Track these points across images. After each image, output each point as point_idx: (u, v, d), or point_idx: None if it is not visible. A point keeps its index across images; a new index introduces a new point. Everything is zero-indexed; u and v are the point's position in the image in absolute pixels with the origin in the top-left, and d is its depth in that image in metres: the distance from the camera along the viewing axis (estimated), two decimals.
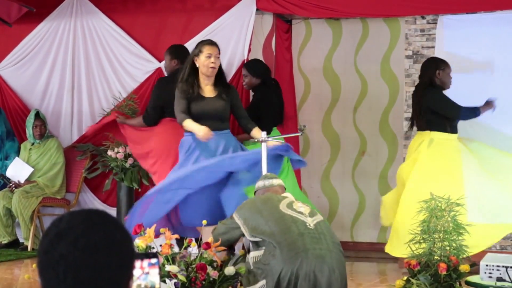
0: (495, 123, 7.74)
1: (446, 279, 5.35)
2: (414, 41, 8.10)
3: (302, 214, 4.67)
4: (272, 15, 8.60)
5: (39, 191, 8.36)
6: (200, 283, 4.98)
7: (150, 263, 1.96)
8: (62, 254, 1.74)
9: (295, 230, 4.52)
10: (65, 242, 1.74)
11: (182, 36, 8.39)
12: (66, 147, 8.73)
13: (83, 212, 1.81)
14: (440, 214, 5.48)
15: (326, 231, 4.65)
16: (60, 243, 1.75)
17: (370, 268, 7.70)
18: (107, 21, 8.72)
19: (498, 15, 7.81)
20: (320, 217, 4.78)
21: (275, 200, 4.78)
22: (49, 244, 1.76)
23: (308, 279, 4.36)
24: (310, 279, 4.36)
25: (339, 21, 8.88)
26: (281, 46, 8.79)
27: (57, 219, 1.81)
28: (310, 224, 4.58)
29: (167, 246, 5.11)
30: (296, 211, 4.68)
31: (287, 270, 4.36)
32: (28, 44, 8.96)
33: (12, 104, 8.98)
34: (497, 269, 5.07)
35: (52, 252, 1.75)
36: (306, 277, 4.36)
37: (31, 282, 6.05)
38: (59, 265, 1.73)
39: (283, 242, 4.45)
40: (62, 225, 1.78)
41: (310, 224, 4.59)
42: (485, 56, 7.83)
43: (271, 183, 5.12)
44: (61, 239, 1.75)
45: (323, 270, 4.39)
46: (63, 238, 1.75)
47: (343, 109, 8.85)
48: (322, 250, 4.45)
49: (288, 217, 4.61)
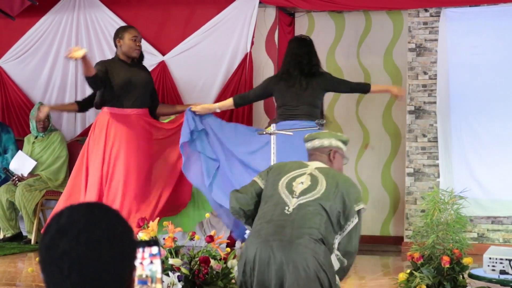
0: (499, 116, 7.74)
1: (449, 272, 5.35)
2: (417, 34, 8.09)
3: (291, 194, 4.16)
4: (275, 8, 8.58)
5: (43, 185, 8.37)
6: (203, 276, 4.98)
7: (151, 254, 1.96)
8: (65, 250, 1.73)
9: (267, 216, 4.13)
10: (67, 237, 1.74)
11: (185, 29, 8.39)
12: (69, 140, 8.74)
13: (83, 206, 1.81)
14: (443, 207, 5.48)
15: (301, 216, 4.08)
16: (63, 239, 1.74)
17: (373, 261, 7.70)
18: (110, 14, 8.71)
19: (501, 7, 7.79)
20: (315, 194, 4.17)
21: (283, 173, 4.32)
22: (51, 241, 1.76)
23: (260, 271, 3.97)
24: (261, 271, 3.97)
25: (342, 14, 8.86)
26: (284, 39, 8.78)
27: (56, 215, 1.80)
28: (289, 208, 4.09)
29: (170, 239, 5.12)
30: (289, 190, 4.19)
31: (249, 258, 4.05)
32: (31, 37, 8.96)
33: (15, 97, 8.98)
34: (500, 262, 5.07)
35: (55, 248, 1.74)
36: (260, 268, 3.97)
37: (35, 275, 6.06)
38: (63, 261, 1.73)
39: (255, 227, 4.14)
40: (62, 221, 1.77)
41: (290, 208, 4.09)
42: (488, 49, 7.82)
43: (307, 146, 4.51)
44: (63, 235, 1.75)
45: (275, 263, 3.94)
46: (65, 234, 1.75)
47: (346, 102, 8.84)
48: (281, 242, 3.97)
49: (275, 197, 4.19)
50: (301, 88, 6.66)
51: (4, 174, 8.52)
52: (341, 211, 4.16)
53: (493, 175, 7.72)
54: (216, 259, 5.10)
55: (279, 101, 6.76)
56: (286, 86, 6.69)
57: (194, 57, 8.36)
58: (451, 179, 7.75)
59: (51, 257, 1.75)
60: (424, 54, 8.04)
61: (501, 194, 7.70)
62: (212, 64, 8.29)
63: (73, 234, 1.74)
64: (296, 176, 4.27)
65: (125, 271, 1.79)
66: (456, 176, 7.80)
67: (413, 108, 8.09)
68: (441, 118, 7.92)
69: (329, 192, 4.17)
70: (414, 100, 8.08)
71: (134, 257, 1.82)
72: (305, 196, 4.15)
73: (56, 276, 1.74)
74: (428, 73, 8.05)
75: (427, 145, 8.03)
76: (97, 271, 1.74)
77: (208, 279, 5.01)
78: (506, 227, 7.79)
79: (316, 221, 4.06)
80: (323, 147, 4.44)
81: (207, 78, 8.34)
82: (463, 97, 7.88)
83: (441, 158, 7.89)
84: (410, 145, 8.09)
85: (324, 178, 4.23)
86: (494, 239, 7.79)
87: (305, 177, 4.26)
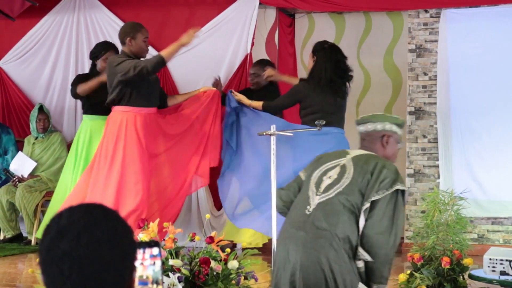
0: (499, 117, 7.74)
1: (449, 273, 5.35)
2: (417, 34, 8.09)
3: (317, 191, 3.81)
4: (275, 9, 8.59)
5: (43, 186, 8.37)
6: (204, 277, 4.98)
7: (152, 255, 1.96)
8: (65, 251, 1.74)
9: (291, 215, 3.86)
10: (67, 238, 1.74)
11: (185, 30, 8.37)
12: (69, 141, 8.74)
13: (82, 207, 1.81)
14: (443, 208, 5.48)
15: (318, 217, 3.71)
16: (63, 240, 1.75)
17: None
18: (110, 15, 8.71)
19: (501, 8, 7.80)
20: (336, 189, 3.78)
21: (319, 163, 4.00)
22: (51, 242, 1.76)
23: (278, 275, 3.72)
24: (278, 275, 3.72)
25: (342, 15, 8.87)
26: (284, 40, 8.79)
27: (56, 216, 1.80)
28: (310, 209, 3.75)
29: (170, 240, 5.12)
30: (316, 186, 3.84)
31: (274, 259, 3.84)
32: (31, 38, 8.96)
33: (16, 98, 8.98)
34: (500, 263, 5.07)
35: (55, 249, 1.75)
36: (278, 272, 3.71)
37: (35, 276, 6.06)
38: (63, 262, 1.74)
39: (282, 226, 3.88)
40: (62, 222, 1.77)
41: (311, 208, 3.75)
42: (488, 50, 7.82)
43: (359, 129, 4.13)
44: (63, 236, 1.75)
45: (289, 267, 3.67)
46: (65, 235, 1.75)
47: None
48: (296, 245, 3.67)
49: (304, 194, 3.88)
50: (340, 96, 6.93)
51: (5, 175, 8.52)
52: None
53: (493, 176, 7.72)
54: (217, 260, 5.10)
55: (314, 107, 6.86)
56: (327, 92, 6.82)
57: (194, 58, 8.35)
58: (451, 180, 7.75)
59: (51, 258, 1.75)
60: (424, 55, 8.05)
61: (501, 195, 7.70)
62: (212, 65, 8.28)
63: (73, 235, 1.74)
64: (329, 169, 3.91)
65: (126, 271, 1.79)
66: (456, 177, 7.80)
67: (413, 109, 8.09)
68: (441, 119, 7.92)
69: (354, 183, 3.74)
70: (414, 101, 8.09)
71: (134, 257, 1.82)
72: (327, 193, 3.78)
73: (56, 277, 1.75)
74: (428, 74, 8.05)
75: (427, 146, 8.03)
76: (98, 272, 1.74)
77: (209, 280, 5.01)
78: (506, 228, 7.79)
79: (333, 221, 3.66)
80: (376, 131, 4.05)
81: (207, 79, 8.33)
82: (463, 98, 7.88)
83: (441, 159, 7.89)
84: (410, 146, 8.09)
85: (353, 168, 3.81)
86: (494, 240, 7.79)
87: (335, 170, 3.87)
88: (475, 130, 7.84)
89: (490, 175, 7.74)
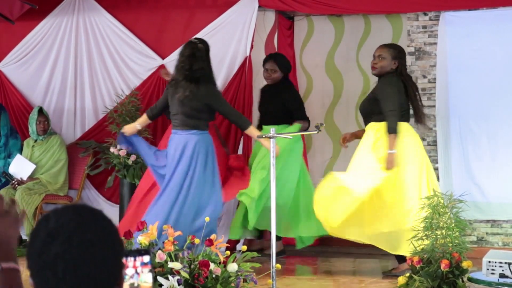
0: (498, 120, 7.75)
1: (448, 275, 5.36)
2: (417, 37, 8.09)
3: None
4: (274, 12, 8.60)
5: (42, 188, 8.37)
6: (203, 280, 4.98)
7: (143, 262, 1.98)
8: (58, 254, 1.74)
9: None
10: (58, 241, 1.75)
11: (185, 33, 8.39)
12: (69, 144, 8.74)
13: (70, 209, 1.82)
14: (442, 211, 5.48)
15: None
16: (54, 243, 1.75)
17: (372, 264, 7.70)
18: (110, 18, 8.72)
19: (501, 11, 7.80)
20: None
21: None
22: (42, 245, 1.76)
23: None
24: None
25: (341, 17, 8.88)
26: (283, 43, 8.80)
27: (43, 219, 1.81)
28: None
29: (170, 243, 5.12)
30: None
31: None
32: (31, 41, 8.96)
33: (15, 101, 8.98)
34: (499, 265, 5.07)
35: (47, 252, 1.75)
36: None
37: None
38: (56, 265, 1.74)
39: None
40: (51, 225, 1.78)
41: None
42: (487, 52, 7.83)
43: None
44: (54, 238, 1.76)
45: None
46: (56, 238, 1.76)
47: (346, 105, 8.85)
48: None
49: None
50: None
51: (4, 178, 8.52)
52: None
53: (493, 178, 7.73)
54: (216, 262, 5.10)
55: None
56: None
57: None
58: (451, 183, 7.75)
59: (43, 262, 1.76)
60: (424, 58, 8.05)
61: (500, 198, 7.71)
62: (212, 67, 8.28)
63: (64, 237, 1.75)
64: None
65: (117, 269, 1.81)
66: (456, 180, 7.80)
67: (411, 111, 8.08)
68: (440, 121, 7.92)
69: None
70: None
71: (123, 254, 1.85)
72: None
73: (50, 280, 1.75)
74: (427, 77, 8.05)
75: (427, 149, 8.01)
76: (92, 272, 1.76)
77: (208, 283, 5.01)
78: (506, 230, 7.80)
79: None
80: None
81: None
82: (463, 101, 7.89)
83: (440, 162, 7.89)
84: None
85: None
86: (494, 242, 7.80)
87: None
88: (474, 133, 7.84)
89: (490, 177, 7.74)
